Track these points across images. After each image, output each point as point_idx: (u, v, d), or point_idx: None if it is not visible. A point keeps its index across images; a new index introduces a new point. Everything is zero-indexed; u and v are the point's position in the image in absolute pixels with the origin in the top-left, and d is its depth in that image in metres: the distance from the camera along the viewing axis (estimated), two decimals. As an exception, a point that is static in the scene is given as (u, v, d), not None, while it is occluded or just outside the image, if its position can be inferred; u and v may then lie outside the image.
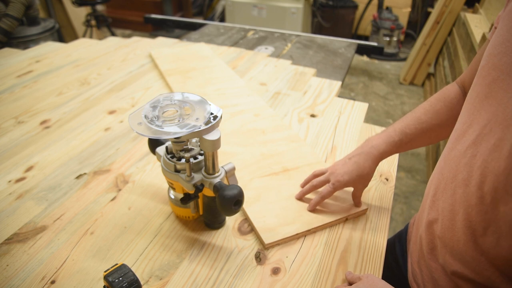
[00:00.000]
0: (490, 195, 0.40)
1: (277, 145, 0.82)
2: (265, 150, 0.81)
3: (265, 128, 0.89)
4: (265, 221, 0.63)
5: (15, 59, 1.27)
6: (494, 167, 0.40)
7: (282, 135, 0.86)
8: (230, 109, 0.97)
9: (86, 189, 0.70)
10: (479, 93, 0.44)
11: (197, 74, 1.15)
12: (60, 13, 3.21)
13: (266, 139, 0.84)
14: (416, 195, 1.99)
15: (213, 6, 4.33)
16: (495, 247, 0.41)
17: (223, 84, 1.10)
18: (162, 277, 0.54)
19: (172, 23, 2.63)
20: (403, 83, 3.23)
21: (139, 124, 0.51)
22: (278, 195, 0.68)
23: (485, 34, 1.62)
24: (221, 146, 0.79)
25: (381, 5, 3.60)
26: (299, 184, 0.71)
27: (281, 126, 0.90)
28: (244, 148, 0.81)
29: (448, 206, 0.47)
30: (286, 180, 0.72)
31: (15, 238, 0.60)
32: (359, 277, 0.52)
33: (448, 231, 0.47)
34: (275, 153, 0.80)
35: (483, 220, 0.42)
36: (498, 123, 0.40)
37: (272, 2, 3.15)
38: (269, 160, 0.77)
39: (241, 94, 1.05)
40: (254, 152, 0.80)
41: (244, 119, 0.92)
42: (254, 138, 0.85)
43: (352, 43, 1.84)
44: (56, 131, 0.88)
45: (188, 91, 1.05)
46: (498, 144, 0.39)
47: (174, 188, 0.59)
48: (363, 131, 0.91)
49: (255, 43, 1.72)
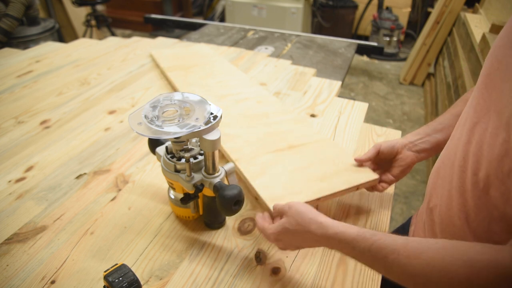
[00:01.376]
0: (483, 181, 0.42)
1: (282, 126, 0.80)
2: (270, 130, 0.78)
3: (269, 112, 0.87)
4: (273, 192, 0.61)
5: (15, 59, 1.27)
6: (488, 154, 0.41)
7: (286, 117, 0.84)
8: (234, 97, 0.95)
9: (86, 189, 0.70)
10: (480, 83, 0.46)
11: (198, 69, 1.15)
12: (60, 13, 3.21)
13: (270, 121, 0.82)
14: (416, 195, 1.99)
15: (213, 6, 4.33)
16: (487, 232, 0.43)
17: (225, 77, 1.09)
18: (162, 277, 0.54)
19: (172, 23, 2.63)
20: (403, 83, 3.23)
21: (139, 124, 0.51)
22: (284, 168, 0.66)
23: (485, 34, 1.62)
24: (225, 129, 0.75)
25: (381, 5, 3.60)
26: (304, 159, 0.69)
27: (285, 110, 0.88)
28: (248, 130, 0.79)
29: (446, 192, 0.49)
30: (292, 155, 0.69)
31: (15, 238, 0.60)
32: (282, 210, 0.52)
33: (446, 217, 0.49)
34: (280, 131, 0.77)
35: (475, 205, 0.43)
36: (496, 112, 0.41)
37: (272, 2, 3.15)
38: (273, 138, 0.75)
39: (244, 85, 1.04)
40: (258, 132, 0.78)
41: (247, 106, 0.91)
42: (258, 120, 0.83)
43: (352, 43, 1.84)
44: (56, 131, 0.88)
45: (189, 84, 1.04)
46: (494, 132, 0.40)
47: (174, 188, 0.59)
48: (363, 131, 0.91)
49: (255, 43, 1.72)
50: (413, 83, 3.20)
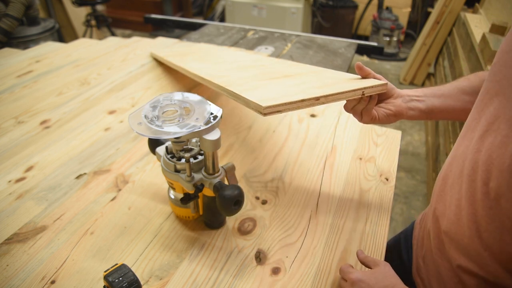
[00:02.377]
0: (494, 191, 0.41)
1: (279, 67, 0.75)
2: (263, 70, 0.73)
3: (266, 64, 0.82)
4: (263, 95, 0.53)
5: (15, 59, 1.27)
6: (499, 164, 0.40)
7: (286, 64, 0.78)
8: (232, 64, 0.91)
9: (86, 189, 0.70)
10: (489, 90, 0.45)
11: (198, 54, 1.14)
12: (60, 13, 3.21)
13: (268, 69, 0.76)
14: (416, 195, 1.99)
15: (213, 6, 4.33)
16: (499, 242, 0.42)
17: (225, 56, 1.08)
18: (162, 277, 0.54)
19: (172, 23, 2.63)
20: (403, 83, 3.23)
21: (139, 124, 0.51)
22: (279, 85, 0.59)
23: (485, 34, 1.62)
24: (216, 78, 0.68)
25: (381, 5, 3.60)
26: (303, 82, 0.61)
27: (286, 62, 0.84)
28: (240, 73, 0.73)
29: (455, 201, 0.48)
30: (288, 81, 0.62)
31: (15, 238, 0.60)
32: (375, 262, 0.51)
33: (454, 226, 0.48)
34: (273, 71, 0.72)
35: (487, 215, 0.42)
36: (506, 120, 0.40)
37: (272, 2, 3.15)
38: (267, 74, 0.68)
39: (246, 56, 1.01)
40: (249, 73, 0.72)
41: (246, 64, 0.87)
42: (255, 69, 0.77)
43: (352, 43, 1.84)
44: (56, 131, 0.88)
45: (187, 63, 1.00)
46: (504, 141, 0.40)
47: (174, 188, 0.59)
48: (363, 131, 0.91)
49: (255, 43, 1.72)
50: (413, 83, 3.20)
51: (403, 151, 2.36)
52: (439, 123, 2.20)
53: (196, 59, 1.04)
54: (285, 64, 0.80)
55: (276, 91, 0.55)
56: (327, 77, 0.63)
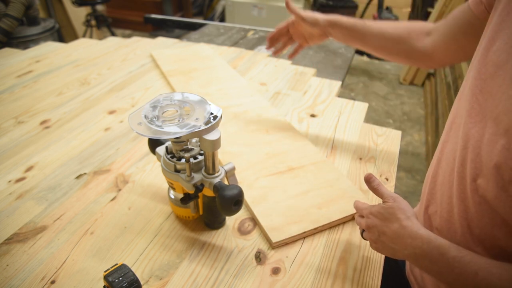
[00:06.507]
0: (483, 188, 0.41)
1: (282, 144, 0.83)
2: (269, 149, 0.81)
3: (268, 127, 0.89)
4: (272, 220, 0.63)
5: (15, 59, 1.27)
6: (486, 161, 0.40)
7: (286, 134, 0.86)
8: (234, 109, 0.97)
9: (86, 189, 0.70)
10: (474, 87, 0.45)
11: (199, 74, 1.15)
12: (60, 13, 3.21)
13: (270, 139, 0.85)
14: (416, 195, 1.99)
15: (213, 6, 4.33)
16: (490, 238, 0.42)
17: (225, 83, 1.10)
18: (162, 277, 0.54)
19: (172, 23, 2.63)
20: (403, 83, 3.23)
21: (139, 124, 0.51)
22: (283, 194, 0.69)
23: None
24: (226, 146, 0.77)
25: (381, 5, 3.60)
26: (303, 184, 0.71)
27: (285, 124, 0.90)
28: (249, 148, 0.81)
29: (447, 198, 0.48)
30: (291, 179, 0.72)
31: (15, 238, 0.60)
32: (392, 197, 0.51)
33: (446, 223, 0.49)
34: (279, 152, 0.80)
35: (477, 212, 0.43)
36: (492, 118, 0.41)
37: (272, 2, 3.15)
38: (274, 159, 0.78)
39: (244, 94, 1.05)
40: (259, 151, 0.80)
41: (247, 119, 0.92)
42: (258, 138, 0.85)
43: (352, 43, 1.83)
44: (56, 131, 0.88)
45: (191, 91, 1.05)
46: (491, 138, 0.40)
47: (174, 188, 0.59)
48: (363, 131, 0.91)
49: (255, 43, 1.72)
50: (413, 83, 3.20)
51: (403, 151, 2.36)
52: (440, 124, 2.20)
53: (198, 90, 1.07)
54: (289, 133, 0.89)
55: (282, 213, 0.64)
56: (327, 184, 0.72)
